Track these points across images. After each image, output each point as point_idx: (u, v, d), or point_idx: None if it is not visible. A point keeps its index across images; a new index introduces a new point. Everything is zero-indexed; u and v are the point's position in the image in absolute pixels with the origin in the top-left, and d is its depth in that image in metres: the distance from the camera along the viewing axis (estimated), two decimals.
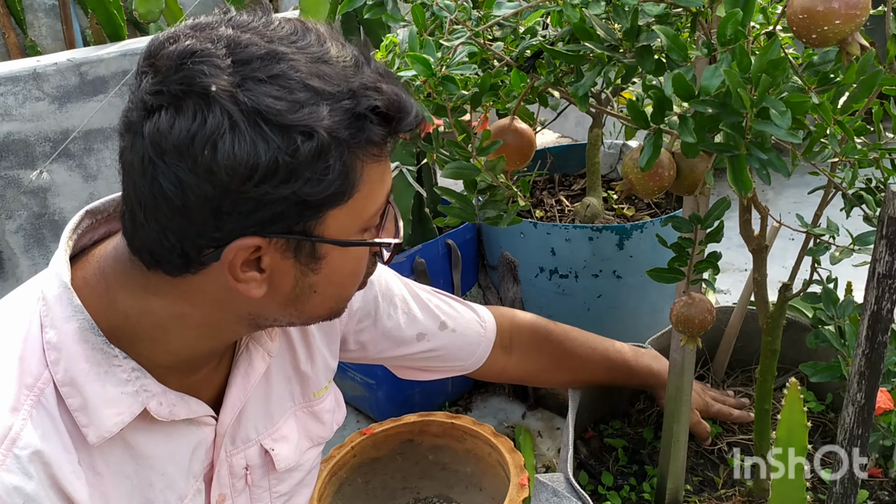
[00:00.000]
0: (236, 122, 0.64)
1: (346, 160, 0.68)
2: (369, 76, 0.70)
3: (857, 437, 0.94)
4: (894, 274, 0.84)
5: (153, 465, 0.78)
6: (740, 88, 0.74)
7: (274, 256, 0.71)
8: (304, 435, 0.94)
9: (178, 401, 0.78)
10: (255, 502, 0.89)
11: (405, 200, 2.05)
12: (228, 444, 0.84)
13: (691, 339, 1.11)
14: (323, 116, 0.66)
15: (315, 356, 0.96)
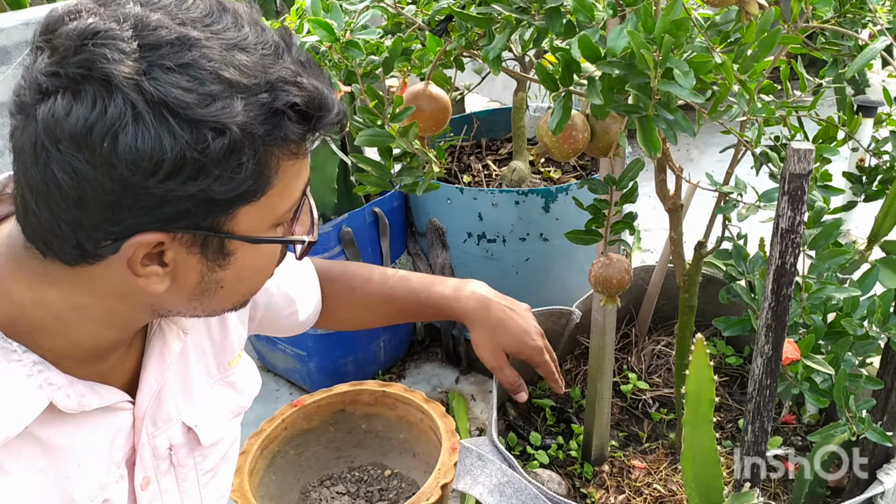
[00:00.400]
0: (140, 114, 0.59)
1: (260, 158, 0.64)
2: (289, 67, 0.66)
3: (766, 387, 0.97)
4: (797, 229, 0.86)
5: (68, 457, 0.74)
6: (644, 49, 0.74)
7: (178, 252, 0.67)
8: (224, 407, 0.92)
9: (88, 391, 0.74)
10: (182, 482, 0.87)
11: (329, 170, 2.02)
12: (150, 426, 0.82)
13: (610, 300, 1.13)
14: (237, 112, 0.61)
15: (227, 324, 0.94)
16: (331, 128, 0.70)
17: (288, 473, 1.71)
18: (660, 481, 1.34)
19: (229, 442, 0.95)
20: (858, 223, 2.23)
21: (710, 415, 0.83)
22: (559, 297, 2.05)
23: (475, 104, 3.62)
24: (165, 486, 0.86)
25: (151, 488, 0.84)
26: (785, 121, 1.09)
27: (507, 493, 1.00)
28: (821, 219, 0.97)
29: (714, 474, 0.92)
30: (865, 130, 1.65)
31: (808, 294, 0.96)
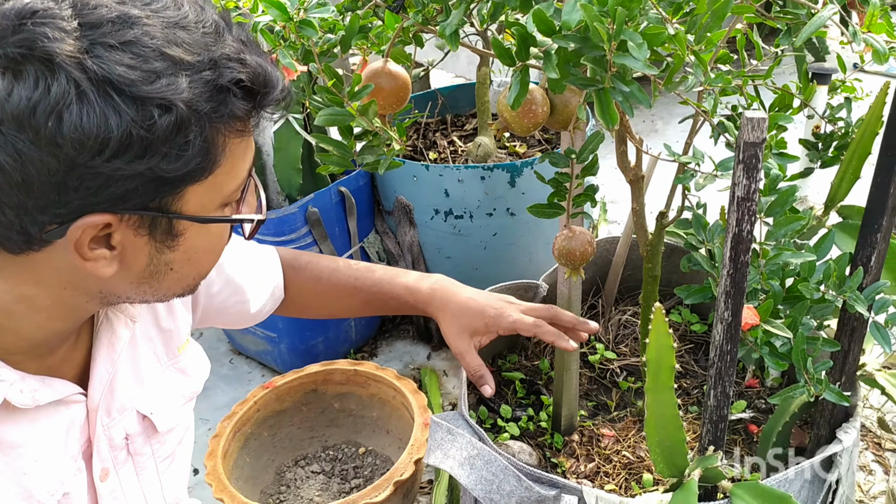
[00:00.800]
0: (84, 92, 0.59)
1: (206, 135, 0.64)
2: (231, 45, 0.66)
3: (726, 352, 0.99)
4: (752, 196, 0.88)
5: (23, 453, 0.74)
6: (597, 23, 0.75)
7: (126, 234, 0.67)
8: (177, 392, 0.92)
9: (40, 385, 0.74)
10: (141, 471, 0.87)
11: (293, 150, 2.00)
12: (104, 418, 0.82)
13: (575, 272, 1.14)
14: (182, 89, 0.61)
15: (174, 310, 0.93)
16: (275, 105, 0.70)
17: (262, 455, 1.71)
18: (628, 448, 1.36)
19: (184, 427, 0.95)
20: (816, 189, 2.27)
21: (670, 381, 0.85)
22: (527, 271, 2.07)
23: (440, 80, 3.61)
24: (125, 475, 0.85)
25: (111, 479, 0.83)
26: (741, 90, 1.11)
27: (478, 466, 1.02)
28: (776, 186, 0.99)
29: (677, 439, 0.94)
30: (820, 98, 1.68)
31: (766, 260, 0.98)
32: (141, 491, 0.88)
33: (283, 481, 1.72)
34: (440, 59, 2.29)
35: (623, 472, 1.32)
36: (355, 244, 2.13)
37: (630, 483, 1.29)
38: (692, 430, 1.37)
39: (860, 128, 1.17)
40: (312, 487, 1.71)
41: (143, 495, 0.88)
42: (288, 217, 1.93)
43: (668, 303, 1.65)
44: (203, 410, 2.13)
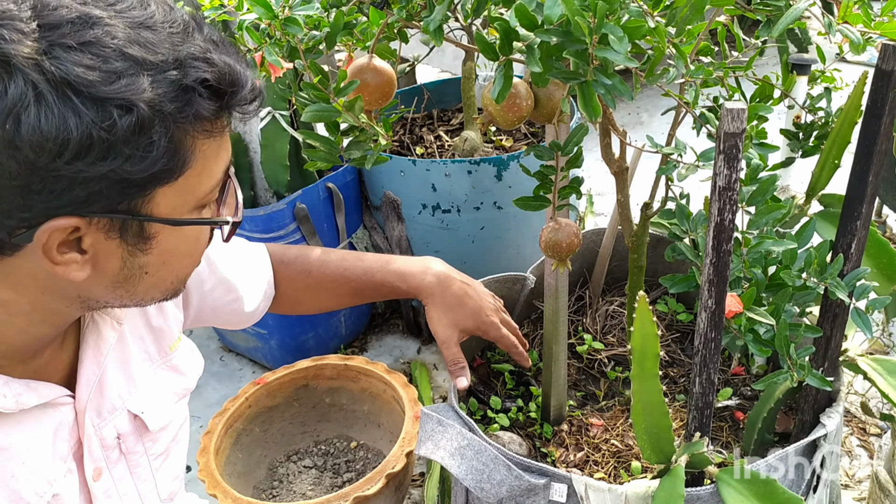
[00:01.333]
0: (42, 94, 0.58)
1: (172, 136, 0.64)
2: (199, 45, 0.65)
3: (710, 339, 1.01)
4: (733, 186, 0.89)
5: (11, 456, 0.74)
6: (578, 16, 0.76)
7: (96, 237, 0.66)
8: (169, 390, 0.93)
9: (25, 389, 0.74)
10: (134, 468, 0.88)
11: (281, 146, 2.01)
12: (94, 418, 0.82)
13: (561, 263, 1.16)
14: (143, 88, 0.61)
15: (165, 309, 0.94)
16: (245, 105, 0.69)
17: (254, 451, 1.72)
18: (617, 437, 1.38)
19: (178, 424, 0.96)
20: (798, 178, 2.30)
21: (655, 369, 0.86)
22: (515, 263, 2.08)
23: (426, 75, 3.61)
24: (118, 474, 0.86)
25: (104, 478, 0.84)
26: (723, 82, 1.12)
27: (468, 456, 1.03)
28: (757, 176, 1.00)
29: (663, 426, 0.95)
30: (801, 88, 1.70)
31: (748, 249, 1.00)
32: (135, 489, 0.89)
33: (276, 476, 1.73)
34: (425, 55, 2.30)
35: (612, 460, 1.33)
36: (344, 240, 2.14)
37: (619, 471, 1.31)
38: (679, 418, 1.39)
39: (839, 117, 1.18)
40: (305, 482, 1.72)
41: (137, 493, 0.89)
42: (276, 213, 1.94)
43: (654, 293, 1.67)
44: (194, 408, 2.14)
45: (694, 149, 1.01)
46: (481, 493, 1.00)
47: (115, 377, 0.85)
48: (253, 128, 2.05)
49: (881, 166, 1.03)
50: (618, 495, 1.02)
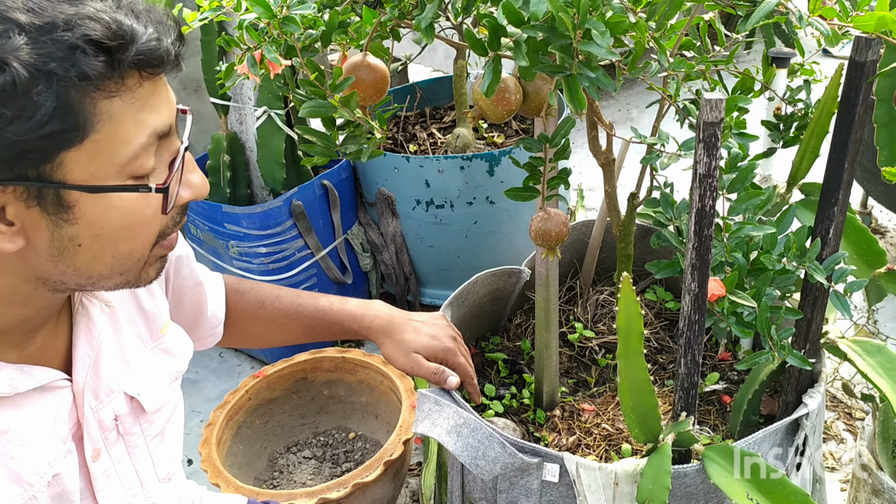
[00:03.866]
0: None
1: (60, 96, 0.62)
2: (95, 6, 0.64)
3: (694, 322, 1.05)
4: (713, 173, 0.93)
5: (10, 438, 0.77)
6: (562, 13, 0.80)
7: (17, 206, 0.66)
8: (163, 372, 0.95)
9: (19, 373, 0.77)
10: (132, 449, 0.91)
11: (276, 144, 2.05)
12: (92, 401, 0.85)
13: (551, 252, 1.20)
14: (17, 47, 0.60)
15: (154, 292, 0.97)
16: (147, 65, 0.68)
17: (254, 442, 1.76)
18: (608, 421, 1.42)
19: (172, 405, 0.99)
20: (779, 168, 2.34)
21: (640, 347, 0.90)
22: (508, 257, 2.12)
23: (419, 74, 3.65)
24: (116, 454, 0.89)
25: (103, 458, 0.87)
26: (705, 75, 1.16)
27: (464, 433, 1.07)
28: (737, 164, 1.04)
29: (650, 404, 0.99)
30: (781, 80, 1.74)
31: (729, 234, 1.04)
32: (133, 468, 0.92)
33: (276, 467, 1.77)
34: (418, 53, 2.34)
35: (603, 443, 1.37)
36: (339, 236, 2.18)
37: (610, 454, 1.35)
38: (668, 403, 1.43)
39: (818, 108, 1.23)
40: (305, 472, 1.76)
41: (135, 472, 0.92)
42: (272, 211, 1.97)
43: (643, 282, 1.71)
44: (195, 403, 2.17)
45: (677, 140, 1.05)
46: (476, 470, 1.04)
47: (110, 360, 0.88)
48: (249, 126, 2.08)
49: (856, 154, 1.08)
50: (608, 473, 1.06)
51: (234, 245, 2.03)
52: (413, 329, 1.20)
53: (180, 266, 1.07)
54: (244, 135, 2.11)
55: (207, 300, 1.12)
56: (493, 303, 1.58)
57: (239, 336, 1.20)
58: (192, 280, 1.08)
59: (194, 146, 2.42)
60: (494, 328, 1.65)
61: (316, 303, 1.21)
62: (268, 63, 0.88)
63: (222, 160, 2.09)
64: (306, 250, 2.09)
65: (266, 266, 2.05)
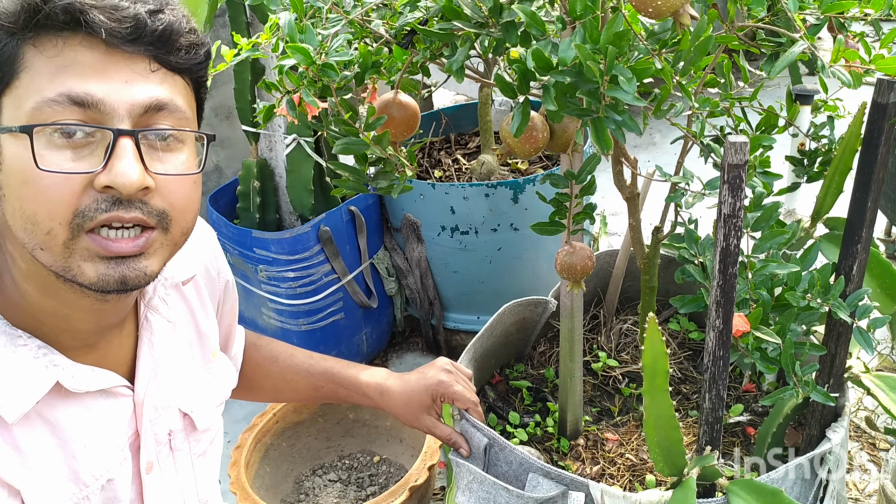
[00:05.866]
0: None
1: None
2: None
3: (719, 357, 1.07)
4: (737, 213, 0.95)
5: (74, 438, 0.81)
6: (590, 61, 0.83)
7: None
8: (212, 394, 1.00)
9: (90, 373, 0.82)
10: (179, 465, 0.94)
11: (305, 171, 2.09)
12: (151, 412, 0.90)
13: (576, 284, 1.22)
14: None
15: (209, 312, 1.02)
16: (57, 26, 0.70)
17: (281, 464, 1.79)
18: (631, 451, 1.43)
19: (216, 429, 1.03)
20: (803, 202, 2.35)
21: (665, 385, 0.92)
22: (531, 283, 2.14)
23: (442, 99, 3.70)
24: (166, 469, 0.93)
25: (154, 472, 0.91)
26: (728, 112, 1.18)
27: (474, 488, 1.10)
28: (762, 202, 1.06)
29: (675, 439, 1.01)
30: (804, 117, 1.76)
31: (753, 272, 1.06)
32: (178, 485, 0.95)
33: (302, 490, 1.80)
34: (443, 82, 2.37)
35: (627, 473, 1.39)
36: (365, 261, 2.21)
37: (634, 484, 1.36)
38: (692, 434, 1.44)
39: (841, 145, 1.24)
40: (330, 495, 1.78)
41: (179, 490, 0.95)
42: (301, 236, 2.01)
43: (666, 312, 1.73)
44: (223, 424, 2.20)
45: (700, 178, 1.07)
46: None
47: (168, 375, 0.92)
48: (279, 153, 2.13)
49: (879, 192, 1.09)
50: (632, 503, 1.08)
51: (263, 269, 2.07)
52: (406, 391, 1.22)
53: (229, 293, 1.10)
54: (274, 161, 2.15)
55: (234, 341, 1.16)
56: (519, 331, 1.60)
57: (248, 388, 1.23)
58: (231, 315, 1.12)
59: (224, 171, 2.47)
60: (519, 356, 1.67)
61: (326, 364, 1.24)
62: (305, 105, 0.92)
63: (252, 186, 2.14)
64: (333, 275, 2.12)
65: (294, 290, 2.09)
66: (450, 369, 1.24)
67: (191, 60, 0.77)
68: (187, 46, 0.76)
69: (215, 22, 2.19)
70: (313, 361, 1.24)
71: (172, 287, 0.95)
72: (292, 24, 0.91)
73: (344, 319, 2.21)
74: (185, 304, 0.98)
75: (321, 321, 2.16)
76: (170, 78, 0.76)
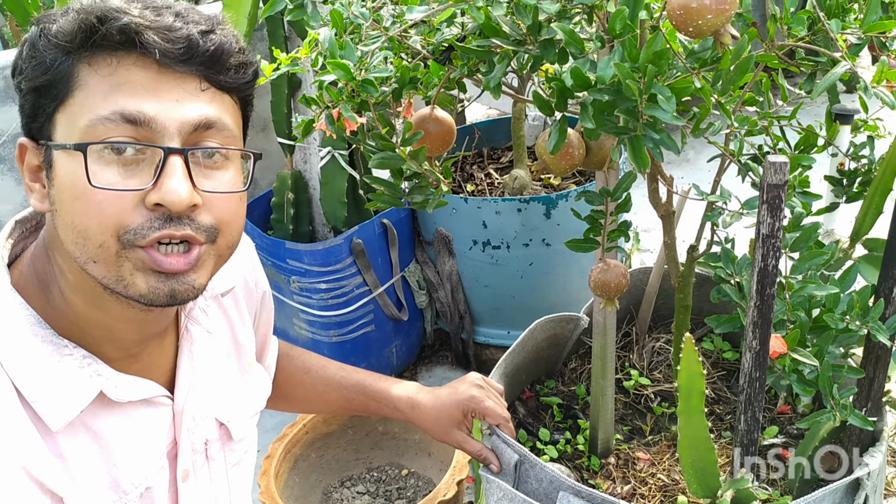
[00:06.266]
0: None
1: (56, 57, 0.73)
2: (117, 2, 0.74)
3: (755, 379, 1.05)
4: (776, 234, 0.94)
5: (115, 446, 0.83)
6: (629, 79, 0.83)
7: (39, 163, 0.77)
8: (247, 405, 1.01)
9: (132, 383, 0.83)
10: (214, 475, 0.96)
11: (339, 183, 2.10)
12: (189, 422, 0.91)
13: (609, 302, 1.21)
14: (55, 19, 0.74)
15: (246, 322, 1.03)
16: (113, 45, 0.73)
17: (310, 475, 1.79)
18: (663, 471, 1.41)
19: (251, 439, 1.04)
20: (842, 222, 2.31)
21: (701, 406, 0.91)
22: (562, 299, 2.14)
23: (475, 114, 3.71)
24: (201, 478, 0.94)
25: (190, 480, 0.92)
26: (767, 130, 1.18)
27: None
28: (800, 223, 1.05)
29: (709, 461, 1.00)
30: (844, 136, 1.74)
31: (791, 293, 1.04)
32: (213, 494, 0.96)
33: (330, 501, 1.80)
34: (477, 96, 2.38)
35: (658, 494, 1.37)
36: (397, 273, 2.22)
37: None
38: (725, 455, 1.42)
39: (882, 165, 1.23)
40: None
41: (214, 499, 0.97)
42: (334, 248, 2.03)
43: (700, 330, 1.71)
44: None
45: (738, 197, 1.06)
46: None
47: (206, 385, 0.94)
48: (313, 166, 2.15)
49: None
50: None
51: (296, 280, 2.08)
52: (436, 406, 1.21)
53: (265, 304, 1.11)
54: (308, 173, 2.17)
55: (269, 351, 1.17)
56: (550, 347, 1.60)
57: (280, 399, 1.23)
58: (266, 325, 1.13)
59: (259, 182, 2.50)
60: (550, 372, 1.67)
61: (358, 376, 1.25)
62: (344, 120, 0.93)
63: (286, 197, 2.16)
64: (364, 287, 2.13)
65: (325, 301, 2.10)
66: (481, 384, 1.23)
67: (239, 80, 0.79)
68: (236, 66, 0.78)
69: (253, 35, 2.22)
70: (345, 374, 1.25)
71: (212, 298, 0.97)
72: (333, 41, 0.93)
73: (374, 332, 2.22)
74: (223, 315, 0.99)
75: (352, 333, 2.17)
76: (218, 97, 0.78)
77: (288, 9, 1.06)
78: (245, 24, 1.91)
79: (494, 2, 0.90)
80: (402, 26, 0.98)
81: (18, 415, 0.76)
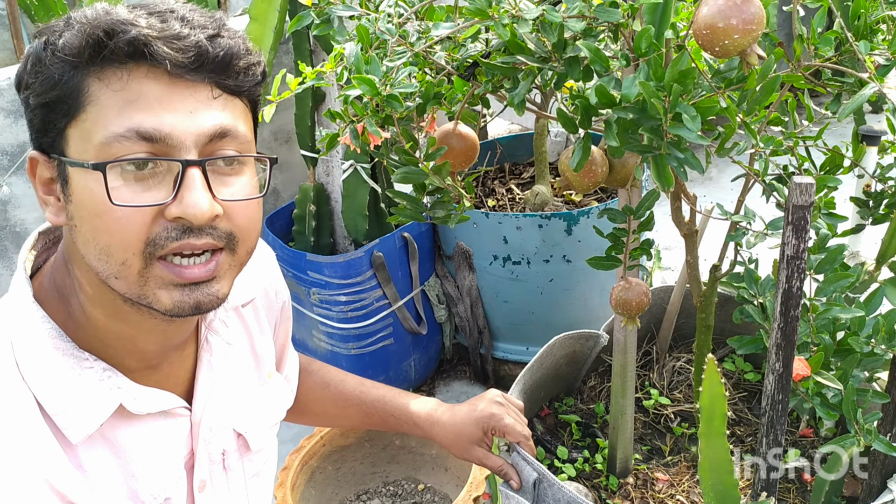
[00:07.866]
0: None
1: (64, 72, 0.72)
2: (124, 14, 0.73)
3: (778, 401, 1.04)
4: (801, 255, 0.93)
5: (134, 457, 0.83)
6: (654, 98, 0.83)
7: (52, 177, 0.76)
8: (266, 415, 1.01)
9: (151, 395, 0.84)
10: (232, 485, 0.96)
11: (360, 197, 2.11)
12: (206, 432, 0.91)
13: (630, 320, 1.21)
14: (59, 31, 0.73)
15: (265, 332, 1.03)
16: (123, 58, 0.72)
17: (326, 488, 1.79)
18: (682, 493, 1.40)
19: (270, 450, 1.04)
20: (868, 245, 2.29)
21: (723, 428, 0.90)
22: (582, 316, 2.13)
23: (497, 129, 3.71)
24: (219, 488, 0.94)
25: (207, 491, 0.92)
26: (792, 151, 1.17)
27: None
28: (826, 244, 1.04)
29: (730, 483, 0.98)
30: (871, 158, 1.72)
31: (816, 315, 1.03)
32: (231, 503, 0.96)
33: None
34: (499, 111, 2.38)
35: None
36: (416, 287, 2.22)
37: None
38: (745, 477, 1.40)
39: None
40: None
41: None
42: (354, 261, 2.03)
43: (721, 351, 1.69)
44: None
45: (763, 217, 1.06)
46: None
47: (225, 395, 0.94)
48: (335, 178, 2.16)
49: None
50: None
51: (316, 292, 2.09)
52: (456, 423, 1.20)
53: (284, 314, 1.12)
54: (330, 186, 2.18)
55: (287, 361, 1.17)
56: (569, 365, 1.59)
57: (298, 412, 1.23)
58: (285, 335, 1.13)
59: (281, 194, 2.52)
60: (569, 389, 1.66)
61: (378, 391, 1.24)
62: (368, 134, 0.93)
63: (308, 210, 2.17)
64: (384, 300, 2.14)
65: (345, 314, 2.10)
66: (501, 401, 1.22)
67: (249, 82, 0.78)
68: (245, 68, 0.78)
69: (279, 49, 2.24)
70: (364, 389, 1.24)
71: (233, 309, 0.97)
72: (359, 55, 0.93)
73: (393, 345, 2.22)
74: (243, 325, 0.99)
75: (370, 346, 2.17)
76: (230, 102, 0.77)
77: (315, 24, 1.07)
78: (271, 37, 1.93)
79: (520, 19, 0.91)
80: (428, 42, 0.99)
81: (40, 428, 0.76)
